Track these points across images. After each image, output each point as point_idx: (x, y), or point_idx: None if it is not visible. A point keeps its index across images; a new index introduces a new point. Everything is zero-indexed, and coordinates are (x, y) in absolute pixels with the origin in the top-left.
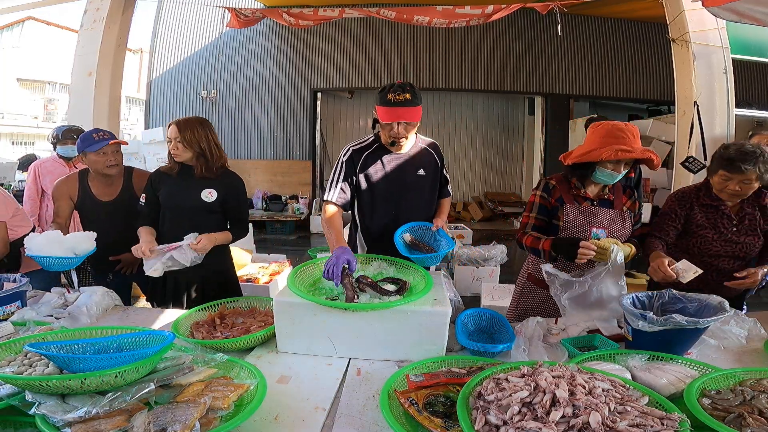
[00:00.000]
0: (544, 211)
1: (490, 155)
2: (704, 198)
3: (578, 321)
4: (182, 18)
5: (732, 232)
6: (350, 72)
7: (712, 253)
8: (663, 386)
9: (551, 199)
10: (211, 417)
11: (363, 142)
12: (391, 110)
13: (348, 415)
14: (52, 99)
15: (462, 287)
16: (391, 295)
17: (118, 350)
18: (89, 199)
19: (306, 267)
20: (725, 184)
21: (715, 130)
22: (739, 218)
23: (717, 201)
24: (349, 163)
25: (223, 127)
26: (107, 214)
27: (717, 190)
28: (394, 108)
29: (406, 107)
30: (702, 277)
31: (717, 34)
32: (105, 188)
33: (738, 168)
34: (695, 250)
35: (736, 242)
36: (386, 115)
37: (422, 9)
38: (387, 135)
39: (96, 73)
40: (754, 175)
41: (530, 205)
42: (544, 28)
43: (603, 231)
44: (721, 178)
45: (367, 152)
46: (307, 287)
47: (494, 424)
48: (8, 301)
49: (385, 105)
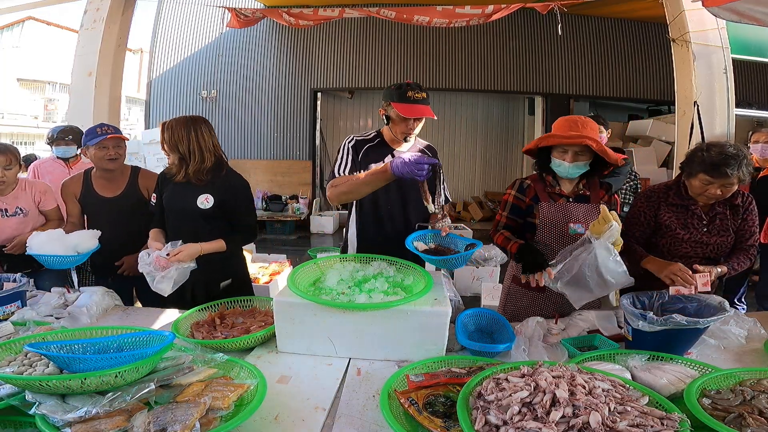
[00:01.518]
0: (517, 210)
1: (490, 155)
2: (674, 197)
3: (583, 300)
4: (182, 18)
5: (702, 232)
6: (350, 72)
7: (682, 254)
8: (663, 386)
9: (526, 198)
10: (211, 417)
11: (366, 135)
12: (413, 107)
13: (348, 415)
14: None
15: (462, 287)
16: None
17: (118, 350)
18: (91, 196)
19: (306, 267)
20: (705, 188)
21: (715, 130)
22: (709, 218)
23: (687, 200)
24: (354, 150)
25: (223, 127)
26: (109, 211)
27: (695, 193)
28: (415, 105)
29: (425, 105)
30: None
31: (717, 34)
32: (108, 184)
33: (723, 173)
34: (665, 250)
35: (706, 243)
36: (408, 111)
37: (422, 9)
38: (401, 131)
39: (96, 73)
40: (737, 179)
41: (504, 204)
42: (544, 28)
43: (580, 225)
44: (701, 182)
45: (369, 145)
46: (307, 287)
47: (494, 424)
48: (8, 301)
49: (406, 102)
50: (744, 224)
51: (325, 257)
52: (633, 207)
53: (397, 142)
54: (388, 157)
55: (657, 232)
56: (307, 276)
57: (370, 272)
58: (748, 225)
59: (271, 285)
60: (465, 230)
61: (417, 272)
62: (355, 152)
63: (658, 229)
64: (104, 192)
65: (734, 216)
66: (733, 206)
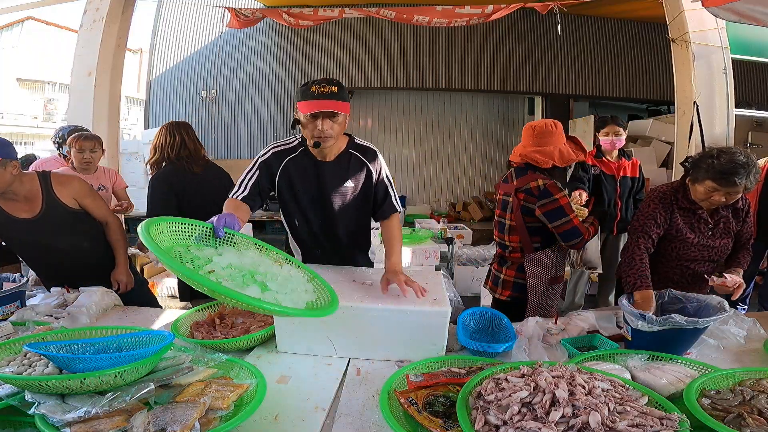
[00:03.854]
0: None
1: (490, 155)
2: (682, 201)
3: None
4: (182, 18)
5: (708, 236)
6: (350, 72)
7: (690, 258)
8: (662, 386)
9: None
10: (210, 417)
11: (287, 143)
12: (314, 102)
13: (348, 414)
14: (51, 99)
15: (462, 287)
16: None
17: (117, 350)
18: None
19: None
20: (710, 194)
21: (714, 130)
22: (714, 221)
23: (694, 204)
24: (266, 167)
25: (224, 127)
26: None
27: (698, 198)
28: (319, 100)
29: (332, 99)
30: (676, 279)
31: (717, 34)
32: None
33: (731, 182)
34: (673, 255)
35: (711, 246)
36: (308, 107)
37: (422, 9)
38: (310, 135)
39: (96, 73)
40: (743, 188)
41: (570, 206)
42: (544, 28)
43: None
44: (706, 188)
45: (290, 156)
46: (175, 246)
47: (494, 424)
48: (8, 301)
49: (308, 99)
50: (745, 226)
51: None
52: (645, 207)
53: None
54: (309, 166)
55: (665, 236)
56: (184, 233)
57: (275, 270)
58: (748, 226)
59: None
60: (465, 230)
61: (323, 290)
62: (269, 169)
63: (668, 232)
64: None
65: (736, 219)
66: (734, 209)
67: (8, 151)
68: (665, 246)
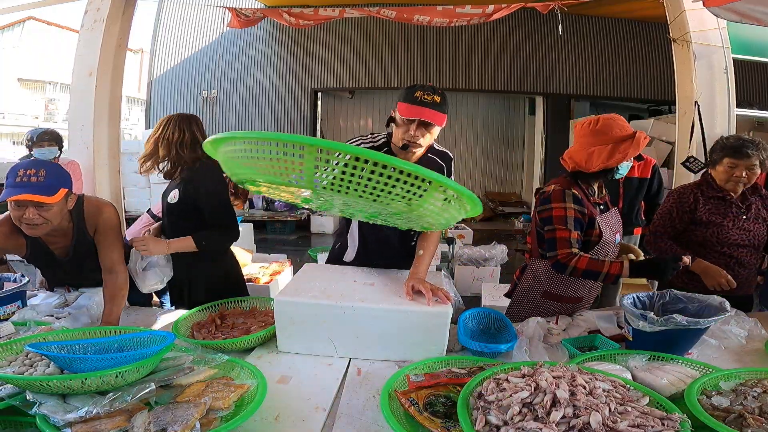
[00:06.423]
0: (580, 225)
1: (490, 155)
2: (708, 191)
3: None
4: (183, 18)
5: (743, 220)
6: (351, 72)
7: (731, 242)
8: (664, 386)
9: (586, 210)
10: (211, 417)
11: (374, 139)
12: (415, 108)
13: (348, 415)
14: (52, 99)
15: (462, 287)
16: None
17: (118, 350)
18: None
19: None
20: (732, 171)
21: (715, 129)
22: (746, 206)
23: (722, 191)
24: None
25: (224, 127)
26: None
27: (723, 180)
28: (420, 107)
29: (432, 109)
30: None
31: (718, 34)
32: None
33: (744, 153)
34: (713, 240)
35: (748, 230)
36: (407, 111)
37: (423, 9)
38: (401, 136)
39: (96, 73)
40: (758, 161)
41: (563, 220)
42: (545, 28)
43: (618, 235)
44: (727, 167)
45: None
46: None
47: (494, 425)
48: (9, 301)
49: (409, 102)
50: None
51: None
52: (662, 208)
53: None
54: None
55: (699, 224)
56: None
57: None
58: None
59: (271, 285)
60: (465, 230)
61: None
62: None
63: (699, 221)
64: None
65: (765, 208)
66: (763, 198)
67: (71, 182)
68: (702, 233)
